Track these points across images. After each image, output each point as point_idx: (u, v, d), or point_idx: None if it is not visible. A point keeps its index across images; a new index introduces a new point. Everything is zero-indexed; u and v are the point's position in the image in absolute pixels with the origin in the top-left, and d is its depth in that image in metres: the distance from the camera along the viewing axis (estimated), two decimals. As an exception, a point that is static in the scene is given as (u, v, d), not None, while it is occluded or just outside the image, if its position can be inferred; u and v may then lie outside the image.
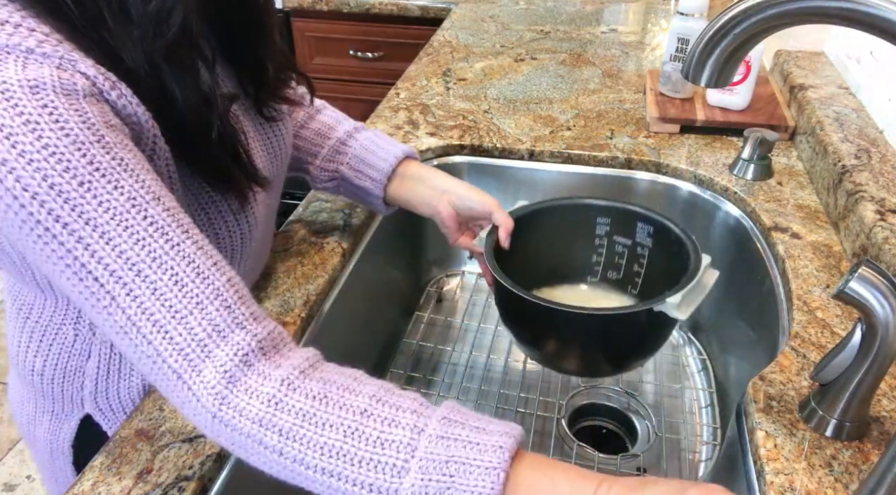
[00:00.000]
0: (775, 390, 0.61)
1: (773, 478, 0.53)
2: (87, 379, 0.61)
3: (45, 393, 0.62)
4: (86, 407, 0.62)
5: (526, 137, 1.07)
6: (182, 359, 0.43)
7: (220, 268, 0.46)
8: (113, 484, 0.54)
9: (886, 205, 0.76)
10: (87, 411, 0.62)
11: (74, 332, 0.60)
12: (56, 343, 0.60)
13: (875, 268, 0.49)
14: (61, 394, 0.62)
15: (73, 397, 0.62)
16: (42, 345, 0.61)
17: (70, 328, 0.60)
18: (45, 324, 0.60)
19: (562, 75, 1.33)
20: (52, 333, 0.60)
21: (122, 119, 0.46)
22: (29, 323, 0.61)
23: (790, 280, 0.75)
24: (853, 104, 1.00)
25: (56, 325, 0.60)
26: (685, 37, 1.09)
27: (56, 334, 0.60)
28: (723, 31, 0.48)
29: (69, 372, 0.61)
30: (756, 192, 0.92)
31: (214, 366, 0.43)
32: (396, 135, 1.08)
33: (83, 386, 0.61)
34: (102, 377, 0.61)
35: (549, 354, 0.74)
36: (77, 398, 0.62)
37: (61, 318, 0.59)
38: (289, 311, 0.72)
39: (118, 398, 0.62)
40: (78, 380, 0.61)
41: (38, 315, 0.60)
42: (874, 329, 0.49)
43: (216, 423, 0.44)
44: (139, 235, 0.43)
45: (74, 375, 0.61)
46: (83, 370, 0.61)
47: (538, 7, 1.82)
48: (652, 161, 1.01)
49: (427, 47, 1.50)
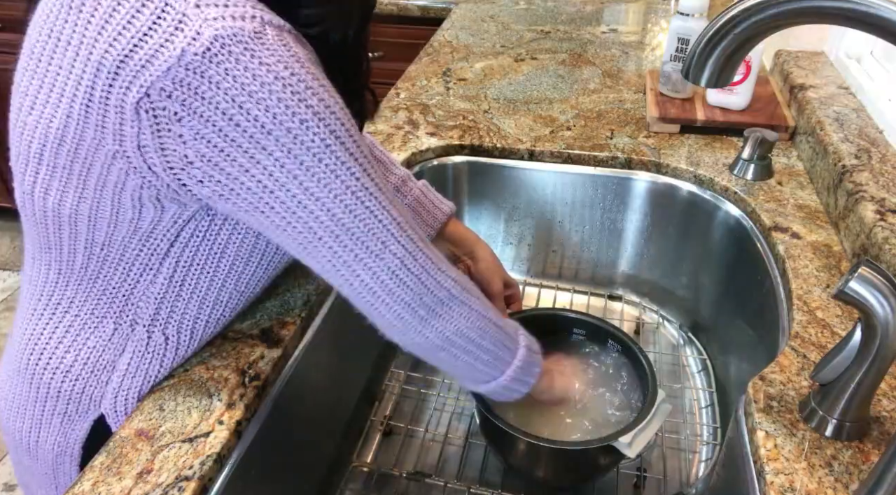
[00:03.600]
0: (775, 390, 0.61)
1: (773, 478, 0.53)
2: (114, 375, 0.62)
3: (61, 392, 0.62)
4: (102, 407, 0.62)
5: (526, 137, 1.07)
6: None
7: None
8: (113, 484, 0.54)
9: (886, 205, 0.76)
10: (103, 411, 0.62)
11: (114, 326, 0.61)
12: (93, 337, 0.61)
13: (875, 268, 0.49)
14: (80, 393, 0.62)
15: (92, 395, 0.62)
16: (77, 341, 0.61)
17: (110, 321, 0.61)
18: (85, 318, 0.61)
19: (562, 75, 1.33)
20: (90, 327, 0.61)
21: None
22: (67, 318, 0.61)
23: (790, 280, 0.75)
24: (853, 104, 1.00)
25: (97, 319, 0.61)
26: (685, 37, 1.09)
27: (95, 328, 0.61)
28: (723, 31, 0.48)
29: (99, 368, 0.62)
30: (756, 192, 0.92)
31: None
32: (396, 135, 1.08)
33: (108, 382, 0.62)
34: (130, 374, 0.62)
35: (513, 466, 0.83)
36: (97, 396, 0.62)
37: (103, 312, 0.60)
38: (289, 311, 0.72)
39: (136, 398, 0.63)
40: (105, 376, 0.62)
41: (79, 309, 0.61)
42: (874, 329, 0.49)
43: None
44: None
45: (103, 371, 0.62)
46: (114, 364, 0.62)
47: (538, 7, 1.82)
48: (652, 161, 1.01)
49: (427, 47, 1.50)
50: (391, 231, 0.53)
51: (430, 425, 0.93)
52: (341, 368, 0.88)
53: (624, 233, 1.09)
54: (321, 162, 0.49)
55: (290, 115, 0.47)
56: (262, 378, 0.64)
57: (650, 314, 1.11)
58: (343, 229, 0.51)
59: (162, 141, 0.48)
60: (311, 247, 0.52)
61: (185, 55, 0.44)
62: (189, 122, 0.46)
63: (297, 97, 0.47)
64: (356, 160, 0.50)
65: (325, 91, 0.49)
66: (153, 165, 0.49)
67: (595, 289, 1.15)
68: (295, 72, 0.47)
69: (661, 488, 0.84)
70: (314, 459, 0.81)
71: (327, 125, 0.48)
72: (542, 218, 1.11)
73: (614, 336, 0.84)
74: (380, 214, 0.53)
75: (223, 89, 0.45)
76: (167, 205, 0.54)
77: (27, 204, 0.57)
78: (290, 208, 0.50)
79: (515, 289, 0.88)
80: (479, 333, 0.61)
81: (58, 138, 0.51)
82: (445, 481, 0.84)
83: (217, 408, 0.60)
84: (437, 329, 0.59)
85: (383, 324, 0.58)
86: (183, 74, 0.45)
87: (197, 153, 0.47)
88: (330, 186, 0.49)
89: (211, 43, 0.44)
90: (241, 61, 0.45)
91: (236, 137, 0.46)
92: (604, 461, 0.76)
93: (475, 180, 1.09)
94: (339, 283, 0.55)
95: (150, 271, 0.59)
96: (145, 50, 0.45)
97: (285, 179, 0.48)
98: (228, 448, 0.58)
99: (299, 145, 0.47)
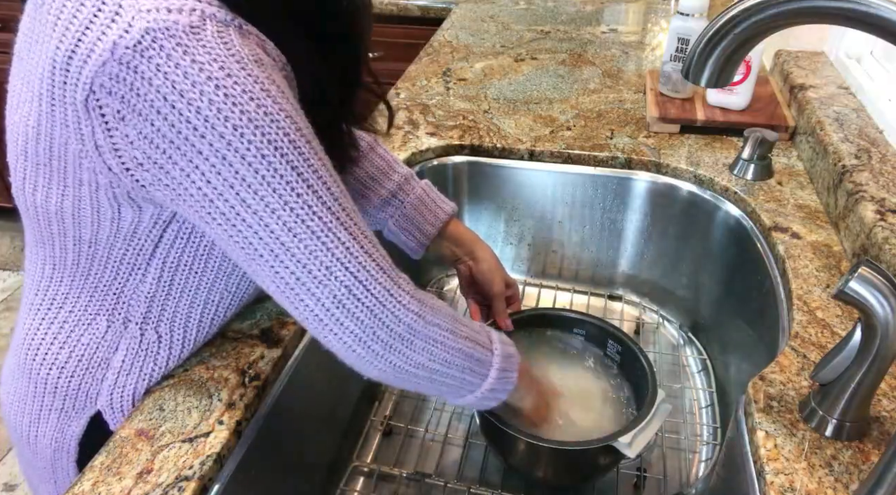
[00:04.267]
0: (775, 390, 0.61)
1: (773, 478, 0.53)
2: (109, 372, 0.62)
3: (58, 388, 0.63)
4: (98, 404, 0.62)
5: (526, 137, 1.07)
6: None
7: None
8: (113, 484, 0.54)
9: (886, 205, 0.76)
10: (99, 407, 0.63)
11: (107, 323, 0.61)
12: (87, 334, 0.61)
13: (875, 268, 0.49)
14: (76, 390, 0.62)
15: (88, 392, 0.62)
16: (71, 337, 0.61)
17: (103, 319, 0.61)
18: (79, 314, 0.61)
19: (562, 75, 1.33)
20: (84, 324, 0.61)
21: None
22: (61, 314, 0.61)
23: (790, 280, 0.75)
24: (853, 104, 1.00)
25: (90, 316, 0.61)
26: (685, 37, 1.09)
27: (88, 325, 0.61)
28: (723, 31, 0.48)
29: (93, 365, 0.62)
30: (756, 192, 0.92)
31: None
32: (396, 135, 1.08)
33: (104, 379, 0.62)
34: (125, 371, 0.62)
35: (513, 466, 0.83)
36: (93, 392, 0.62)
37: (96, 309, 0.60)
38: (289, 311, 0.72)
39: (132, 396, 0.63)
40: (100, 373, 0.62)
41: (73, 305, 0.61)
42: (874, 329, 0.49)
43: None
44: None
45: (98, 368, 0.62)
46: (108, 362, 0.62)
47: (538, 7, 1.82)
48: (652, 161, 1.01)
49: (427, 47, 1.50)
50: (337, 256, 0.49)
51: (430, 425, 0.93)
52: (341, 368, 0.88)
53: (624, 233, 1.09)
54: (257, 173, 0.45)
55: (223, 119, 0.44)
56: (262, 378, 0.64)
57: (650, 314, 1.11)
58: (282, 248, 0.48)
59: (114, 141, 0.46)
60: (254, 265, 0.50)
61: (118, 48, 0.43)
62: (131, 120, 0.45)
63: (231, 101, 0.44)
64: (299, 175, 0.47)
65: (268, 97, 0.45)
66: (112, 166, 0.48)
67: (595, 289, 1.15)
68: (232, 73, 0.44)
69: (661, 488, 0.84)
70: (314, 459, 0.81)
71: (265, 134, 0.45)
72: (542, 218, 1.11)
73: (614, 336, 0.84)
74: (324, 237, 0.48)
75: (155, 86, 0.43)
76: (143, 205, 0.52)
77: (20, 199, 0.58)
78: (230, 219, 0.47)
79: (515, 289, 0.88)
80: (442, 364, 0.57)
81: (34, 136, 0.51)
82: (445, 481, 0.84)
83: (217, 408, 0.60)
84: (394, 363, 0.54)
85: (336, 352, 0.54)
86: (117, 69, 0.43)
87: (144, 154, 0.46)
88: (266, 200, 0.46)
89: (142, 36, 0.43)
90: (172, 57, 0.43)
91: (174, 140, 0.44)
92: (604, 461, 0.76)
93: (475, 180, 1.09)
94: (285, 305, 0.52)
95: (138, 271, 0.58)
96: (86, 43, 0.44)
97: (222, 188, 0.46)
98: (228, 448, 0.58)
99: (233, 153, 0.45)
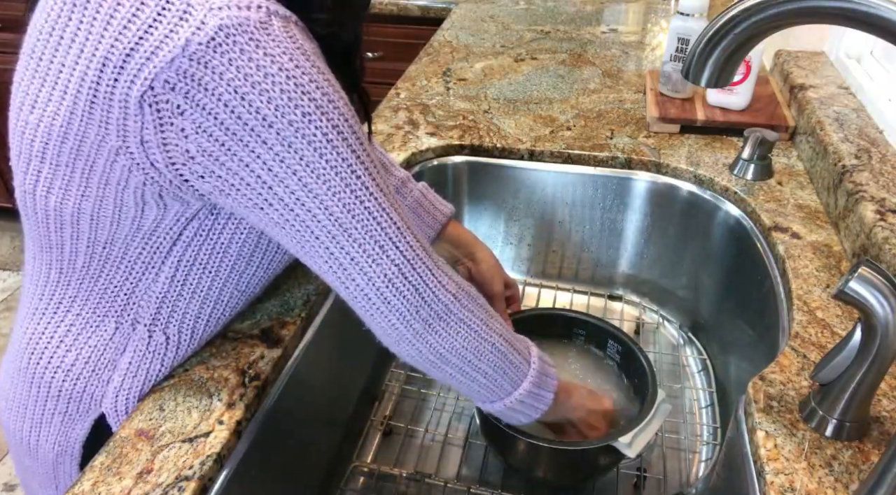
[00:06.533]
0: (775, 390, 0.61)
1: (773, 478, 0.53)
2: (115, 374, 0.62)
3: (62, 392, 0.63)
4: (103, 406, 0.62)
5: (526, 137, 1.07)
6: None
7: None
8: (113, 484, 0.54)
9: (886, 205, 0.76)
10: (103, 410, 0.63)
11: (115, 325, 0.61)
12: (94, 336, 0.61)
13: (875, 268, 0.49)
14: (81, 392, 0.62)
15: (93, 395, 0.62)
16: (78, 340, 0.61)
17: (112, 321, 0.61)
18: (87, 317, 0.61)
19: (562, 75, 1.33)
20: (91, 327, 0.61)
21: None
22: (68, 317, 0.61)
23: (790, 280, 0.75)
24: (853, 104, 1.00)
25: (98, 318, 0.61)
26: (685, 37, 1.09)
27: (96, 328, 0.61)
28: (723, 31, 0.48)
29: (100, 367, 0.62)
30: (756, 192, 0.92)
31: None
32: (396, 135, 1.08)
33: (109, 381, 0.62)
34: (132, 373, 0.62)
35: (513, 466, 0.83)
36: (98, 395, 0.62)
37: (105, 311, 0.60)
38: (289, 311, 0.72)
39: (137, 398, 0.63)
40: (106, 375, 0.62)
41: (80, 308, 0.61)
42: (874, 329, 0.49)
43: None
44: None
45: (104, 371, 0.62)
46: (115, 364, 0.62)
47: (538, 7, 1.82)
48: (652, 161, 1.01)
49: (427, 47, 1.50)
50: (390, 235, 0.53)
51: (430, 425, 0.93)
52: (341, 368, 0.88)
53: (624, 233, 1.09)
54: (322, 157, 0.48)
55: (293, 107, 0.46)
56: (262, 378, 0.64)
57: (650, 314, 1.11)
58: (340, 229, 0.51)
59: (164, 136, 0.48)
60: (308, 247, 0.52)
61: (190, 45, 0.44)
62: (191, 114, 0.46)
63: (301, 89, 0.46)
64: (358, 158, 0.50)
65: (330, 85, 0.48)
66: (155, 161, 0.49)
67: (595, 289, 1.15)
68: (300, 64, 0.47)
69: (661, 488, 0.84)
70: (314, 459, 0.81)
71: (330, 119, 0.48)
72: (542, 218, 1.11)
73: (614, 336, 0.85)
74: (379, 217, 0.52)
75: (226, 80, 0.45)
76: (170, 202, 0.54)
77: (28, 203, 0.57)
78: (289, 205, 0.50)
79: (515, 289, 0.88)
80: (475, 354, 0.60)
81: (60, 136, 0.51)
82: (445, 481, 0.84)
83: (217, 408, 0.60)
84: (431, 344, 0.58)
85: (378, 331, 0.57)
86: (187, 65, 0.45)
87: (198, 147, 0.48)
88: (329, 183, 0.49)
89: (216, 32, 0.44)
90: (245, 51, 0.45)
91: (237, 130, 0.46)
92: (604, 461, 0.76)
93: (475, 180, 1.09)
94: (336, 285, 0.55)
95: (152, 270, 0.59)
96: (150, 41, 0.45)
97: (284, 175, 0.48)
98: (228, 448, 0.58)
99: (300, 139, 0.47)
